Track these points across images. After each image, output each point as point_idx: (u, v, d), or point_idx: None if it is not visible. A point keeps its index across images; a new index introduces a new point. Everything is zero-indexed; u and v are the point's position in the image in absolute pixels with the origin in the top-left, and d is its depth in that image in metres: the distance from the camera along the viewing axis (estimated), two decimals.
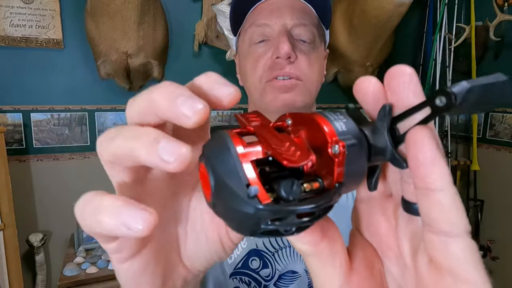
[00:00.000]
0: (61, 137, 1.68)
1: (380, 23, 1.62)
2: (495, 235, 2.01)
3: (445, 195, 0.15)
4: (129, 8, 1.40)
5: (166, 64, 1.79)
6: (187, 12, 1.78)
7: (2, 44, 1.51)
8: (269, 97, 0.56)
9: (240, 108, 1.97)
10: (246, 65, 0.59)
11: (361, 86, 0.20)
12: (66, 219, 1.69)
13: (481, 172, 2.07)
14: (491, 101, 0.16)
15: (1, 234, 1.36)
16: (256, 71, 0.57)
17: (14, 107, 1.59)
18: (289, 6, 0.55)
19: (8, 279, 1.38)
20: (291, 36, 0.55)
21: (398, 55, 2.21)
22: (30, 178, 1.65)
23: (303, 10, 0.57)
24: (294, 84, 0.55)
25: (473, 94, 0.15)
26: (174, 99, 0.17)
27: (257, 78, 0.57)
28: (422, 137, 0.15)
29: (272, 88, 0.56)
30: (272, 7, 0.56)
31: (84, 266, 1.45)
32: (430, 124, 0.16)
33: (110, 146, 0.17)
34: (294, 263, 0.59)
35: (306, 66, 0.56)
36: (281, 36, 0.54)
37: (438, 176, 0.15)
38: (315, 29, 0.58)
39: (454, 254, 0.16)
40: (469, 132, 2.08)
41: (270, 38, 0.56)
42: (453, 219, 0.15)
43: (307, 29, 0.56)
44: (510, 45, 1.96)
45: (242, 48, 0.61)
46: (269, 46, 0.56)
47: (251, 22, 0.58)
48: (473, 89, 0.15)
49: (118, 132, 0.17)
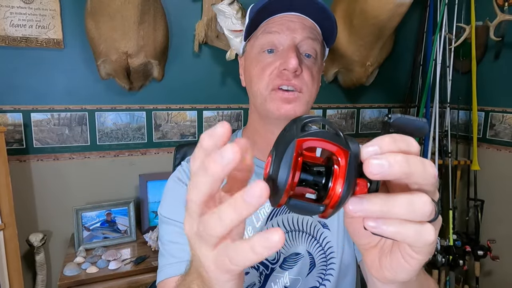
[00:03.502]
0: (61, 137, 1.68)
1: (380, 23, 1.61)
2: (495, 235, 2.01)
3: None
4: (129, 8, 1.40)
5: (166, 64, 1.79)
6: (187, 12, 1.78)
7: (2, 44, 1.51)
8: (273, 106, 0.62)
9: (240, 108, 1.97)
10: (253, 70, 0.65)
11: None
12: (66, 219, 1.69)
13: (481, 172, 2.07)
14: (412, 132, 0.27)
15: (1, 234, 1.36)
16: (262, 78, 0.63)
17: (14, 107, 1.59)
18: (300, 22, 0.62)
19: (8, 279, 1.38)
20: (298, 51, 0.62)
21: (398, 55, 2.21)
22: (30, 178, 1.65)
23: (312, 28, 0.63)
24: (296, 96, 0.62)
25: (401, 121, 0.26)
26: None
27: (263, 85, 0.63)
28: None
29: (275, 98, 0.62)
30: (284, 20, 0.62)
31: (84, 266, 1.45)
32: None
33: (222, 223, 0.24)
34: (296, 245, 0.67)
35: (308, 79, 0.63)
36: (290, 51, 0.60)
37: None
38: (319, 45, 0.65)
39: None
40: (469, 132, 2.08)
41: (278, 49, 0.63)
42: None
43: (312, 44, 0.63)
44: (510, 45, 1.96)
45: (251, 53, 0.67)
46: (277, 57, 0.62)
47: (263, 29, 0.64)
48: (402, 119, 0.26)
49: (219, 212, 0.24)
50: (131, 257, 1.54)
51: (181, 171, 0.72)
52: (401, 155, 0.24)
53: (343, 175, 0.24)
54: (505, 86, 2.01)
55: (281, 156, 0.24)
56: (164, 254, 0.65)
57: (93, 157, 1.75)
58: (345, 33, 1.82)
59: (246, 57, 0.70)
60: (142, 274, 1.47)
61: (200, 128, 1.93)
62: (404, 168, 0.24)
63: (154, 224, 1.75)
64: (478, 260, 1.94)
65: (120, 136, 1.79)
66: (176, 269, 0.62)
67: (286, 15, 0.62)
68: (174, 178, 0.71)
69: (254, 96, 0.66)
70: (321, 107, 2.18)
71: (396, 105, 2.37)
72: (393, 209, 0.25)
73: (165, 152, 1.88)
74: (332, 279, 0.68)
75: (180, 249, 0.63)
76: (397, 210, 0.25)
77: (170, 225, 0.66)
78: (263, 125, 0.68)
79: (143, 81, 1.75)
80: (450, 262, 1.89)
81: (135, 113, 1.80)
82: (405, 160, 0.24)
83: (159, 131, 1.86)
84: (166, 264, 0.63)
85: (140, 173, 1.77)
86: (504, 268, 2.02)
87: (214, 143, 0.24)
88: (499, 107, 2.05)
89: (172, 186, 0.71)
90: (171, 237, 0.65)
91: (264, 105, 0.63)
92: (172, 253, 0.63)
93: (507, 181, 2.01)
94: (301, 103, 0.62)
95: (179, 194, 0.68)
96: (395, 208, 0.25)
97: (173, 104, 1.86)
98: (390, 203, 0.25)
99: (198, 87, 1.87)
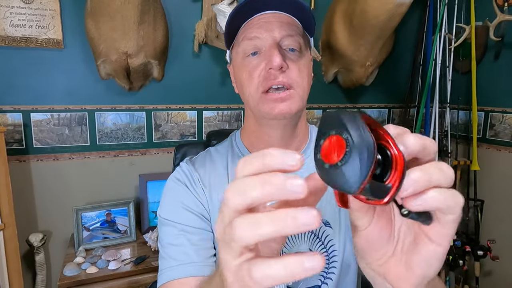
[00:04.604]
0: (61, 137, 1.68)
1: (380, 23, 1.61)
2: (495, 235, 2.01)
3: None
4: (129, 8, 1.40)
5: (166, 64, 1.79)
6: (187, 12, 1.78)
7: (2, 44, 1.51)
8: (266, 107, 0.62)
9: (240, 108, 1.97)
10: (242, 76, 0.65)
11: None
12: (66, 219, 1.69)
13: (481, 172, 2.07)
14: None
15: (1, 234, 1.36)
16: (252, 82, 0.63)
17: (14, 107, 1.59)
18: (277, 21, 0.62)
19: (8, 279, 1.38)
20: (280, 47, 0.62)
21: (398, 55, 2.21)
22: (30, 178, 1.65)
23: (289, 23, 0.63)
24: (288, 94, 0.61)
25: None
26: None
27: (253, 88, 0.63)
28: None
29: (268, 99, 0.62)
30: (262, 22, 0.62)
31: (84, 266, 1.45)
32: None
33: (253, 232, 0.23)
34: (299, 244, 0.67)
35: (296, 74, 0.62)
36: (272, 49, 0.60)
37: None
38: (301, 38, 0.64)
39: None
40: (469, 132, 2.08)
41: (262, 50, 0.63)
42: None
43: (294, 39, 0.63)
44: (510, 45, 1.96)
45: (236, 60, 0.67)
46: (261, 58, 0.62)
47: (243, 36, 0.64)
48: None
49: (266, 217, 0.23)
50: (131, 257, 1.54)
51: (180, 172, 0.71)
52: (437, 192, 0.26)
53: (402, 162, 0.25)
54: (505, 86, 2.01)
55: (361, 149, 0.23)
56: (165, 257, 0.64)
57: (93, 157, 1.75)
58: (345, 33, 1.82)
59: (233, 64, 0.70)
60: (142, 274, 1.47)
61: (200, 128, 1.93)
62: (438, 203, 0.26)
63: (154, 224, 1.75)
64: (478, 260, 1.94)
65: (120, 136, 1.79)
66: (177, 272, 0.61)
67: (262, 15, 0.62)
68: (173, 179, 0.71)
69: (247, 101, 0.66)
70: (321, 107, 2.18)
71: (396, 105, 2.37)
72: (432, 177, 0.25)
73: (165, 152, 1.88)
74: (334, 277, 0.68)
75: (180, 252, 0.63)
76: (435, 177, 0.26)
77: (169, 226, 0.65)
78: (260, 127, 0.68)
79: (143, 81, 1.75)
80: (450, 262, 1.89)
81: (135, 113, 1.80)
82: (442, 197, 0.26)
83: (159, 131, 1.86)
84: (167, 267, 0.63)
85: (140, 173, 1.77)
86: (504, 268, 2.02)
87: (281, 161, 0.23)
88: (499, 107, 2.05)
89: (172, 187, 0.70)
90: (171, 239, 0.64)
91: (258, 107, 0.63)
92: (172, 256, 0.63)
93: (507, 181, 2.01)
94: (294, 100, 0.62)
95: (178, 194, 0.68)
96: (433, 176, 0.25)
97: (173, 104, 1.86)
98: (428, 171, 0.25)
99: (198, 87, 1.87)
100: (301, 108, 0.64)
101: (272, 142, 0.68)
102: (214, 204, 0.68)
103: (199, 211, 0.67)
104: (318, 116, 2.17)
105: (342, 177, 0.23)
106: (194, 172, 0.70)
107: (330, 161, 0.24)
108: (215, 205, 0.67)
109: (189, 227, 0.65)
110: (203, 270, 0.61)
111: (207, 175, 0.70)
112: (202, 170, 0.70)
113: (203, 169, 0.70)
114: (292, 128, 0.67)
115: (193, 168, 0.70)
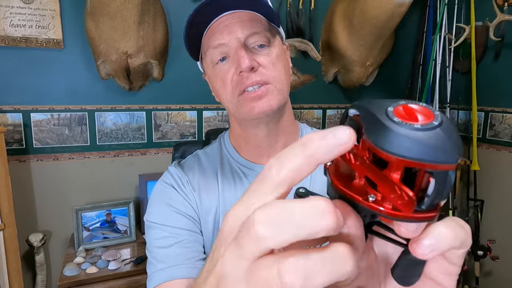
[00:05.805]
0: (61, 137, 1.68)
1: (380, 23, 1.61)
2: (495, 235, 2.01)
3: None
4: (129, 8, 1.40)
5: (166, 64, 1.79)
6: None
7: (2, 44, 1.51)
8: (245, 108, 0.60)
9: None
10: (216, 84, 0.64)
11: None
12: (66, 219, 1.69)
13: (481, 172, 2.07)
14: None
15: (1, 234, 1.36)
16: (226, 88, 0.62)
17: (14, 107, 1.59)
18: (238, 21, 0.59)
19: (8, 279, 1.38)
20: (247, 47, 0.60)
21: (398, 55, 2.21)
22: (30, 178, 1.65)
23: (251, 20, 0.60)
24: (265, 90, 0.59)
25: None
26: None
27: (229, 94, 0.61)
28: None
29: (245, 100, 0.60)
30: (222, 26, 0.60)
31: (84, 266, 1.45)
32: None
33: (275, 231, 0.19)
34: None
35: (271, 68, 0.60)
36: (239, 51, 0.58)
37: None
38: (267, 32, 0.61)
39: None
40: (469, 132, 2.08)
41: (229, 54, 0.60)
42: None
43: (260, 35, 0.60)
44: (510, 45, 1.96)
45: (208, 70, 0.66)
46: (230, 63, 0.60)
47: (207, 46, 0.62)
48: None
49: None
50: (131, 257, 1.54)
51: (168, 175, 0.70)
52: (445, 228, 0.21)
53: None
54: (505, 86, 2.01)
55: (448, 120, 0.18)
56: (153, 262, 0.62)
57: (93, 157, 1.75)
58: (345, 33, 1.82)
59: (206, 74, 0.69)
60: (141, 274, 1.47)
61: (200, 128, 1.93)
62: (451, 242, 0.21)
63: None
64: (478, 260, 1.94)
65: (120, 136, 1.79)
66: (166, 275, 0.59)
67: (221, 19, 0.60)
68: (161, 183, 0.70)
69: (227, 107, 0.65)
70: (321, 107, 2.18)
71: None
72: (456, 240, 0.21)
73: (165, 152, 1.88)
74: None
75: (169, 254, 0.61)
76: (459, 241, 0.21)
77: (157, 229, 0.64)
78: (245, 129, 0.67)
79: (143, 81, 1.75)
80: None
81: (135, 113, 1.80)
82: (453, 233, 0.21)
83: (159, 131, 1.86)
84: (155, 271, 0.61)
85: (140, 173, 1.77)
86: (504, 268, 2.02)
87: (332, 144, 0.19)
88: (499, 107, 2.05)
89: (159, 191, 0.69)
90: (159, 242, 0.63)
91: (238, 111, 0.62)
92: (161, 260, 0.61)
93: (507, 181, 2.01)
94: (273, 94, 0.59)
95: (166, 197, 0.67)
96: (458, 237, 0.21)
97: (173, 104, 1.86)
98: (455, 231, 0.21)
99: (198, 87, 1.87)
100: (282, 102, 0.61)
101: (259, 141, 0.66)
102: (204, 207, 0.66)
103: (188, 212, 0.65)
104: (318, 116, 2.17)
105: (441, 141, 0.17)
106: (183, 175, 0.69)
107: (418, 121, 0.18)
108: (205, 208, 0.66)
109: (178, 228, 0.63)
110: (193, 272, 0.59)
111: (196, 179, 0.68)
112: (191, 173, 0.69)
113: (192, 173, 0.69)
114: (276, 123, 0.65)
115: (182, 171, 0.70)
